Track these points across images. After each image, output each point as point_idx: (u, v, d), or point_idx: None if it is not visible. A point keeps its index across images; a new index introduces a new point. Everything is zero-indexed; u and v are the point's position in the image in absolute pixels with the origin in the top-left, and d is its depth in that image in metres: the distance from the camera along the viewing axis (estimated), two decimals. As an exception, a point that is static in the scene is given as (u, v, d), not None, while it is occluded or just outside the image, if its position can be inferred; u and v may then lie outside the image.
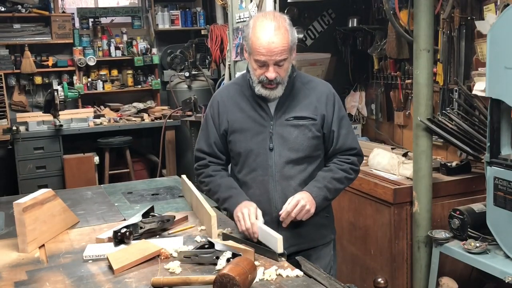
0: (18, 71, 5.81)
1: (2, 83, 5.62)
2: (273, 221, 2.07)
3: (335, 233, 2.31)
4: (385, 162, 3.17)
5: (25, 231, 2.03)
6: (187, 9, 6.54)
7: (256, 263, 1.75)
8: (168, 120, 5.57)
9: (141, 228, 2.10)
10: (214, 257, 1.82)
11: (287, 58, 1.98)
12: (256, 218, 1.97)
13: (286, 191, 2.07)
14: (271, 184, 2.08)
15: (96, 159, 5.30)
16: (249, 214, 1.96)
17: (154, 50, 6.38)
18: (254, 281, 1.65)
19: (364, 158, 3.39)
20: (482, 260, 2.41)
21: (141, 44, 6.34)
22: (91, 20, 6.32)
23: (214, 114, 2.17)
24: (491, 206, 2.38)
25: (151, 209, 2.29)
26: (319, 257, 2.18)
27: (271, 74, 1.97)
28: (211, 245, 1.88)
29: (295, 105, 2.08)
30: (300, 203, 1.98)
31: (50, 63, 5.98)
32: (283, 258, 1.86)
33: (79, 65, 5.99)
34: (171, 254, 1.93)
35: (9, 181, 5.45)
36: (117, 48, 6.25)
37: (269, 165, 2.07)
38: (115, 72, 6.32)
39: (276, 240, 1.86)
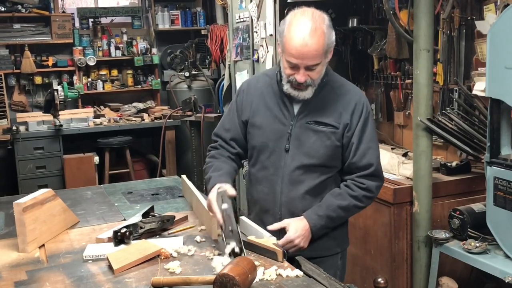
0: (18, 71, 5.81)
1: (2, 83, 5.62)
2: (276, 222, 2.04)
3: (345, 244, 2.20)
4: (385, 162, 3.17)
5: (25, 231, 2.03)
6: (187, 9, 6.54)
7: (256, 263, 1.75)
8: (168, 120, 5.57)
9: (141, 228, 2.10)
10: (226, 242, 1.79)
11: (320, 62, 1.89)
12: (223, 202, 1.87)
13: (292, 195, 2.02)
14: (279, 185, 2.03)
15: (96, 159, 5.30)
16: (211, 204, 1.89)
17: (154, 50, 6.38)
18: (254, 281, 1.65)
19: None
20: (482, 260, 2.41)
21: (141, 44, 6.34)
22: (91, 20, 6.32)
23: (239, 102, 2.12)
24: (491, 206, 2.38)
25: (151, 209, 2.29)
26: (324, 268, 2.07)
27: (300, 77, 1.89)
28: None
29: (319, 109, 1.99)
30: (293, 242, 1.93)
31: (50, 63, 5.98)
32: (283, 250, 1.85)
33: (79, 65, 6.00)
34: (171, 254, 1.93)
35: (9, 181, 5.45)
36: (117, 48, 6.25)
37: (281, 166, 2.01)
38: (115, 72, 6.32)
39: (269, 241, 1.87)
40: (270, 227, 1.95)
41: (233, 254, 1.78)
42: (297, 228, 1.94)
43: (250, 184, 2.16)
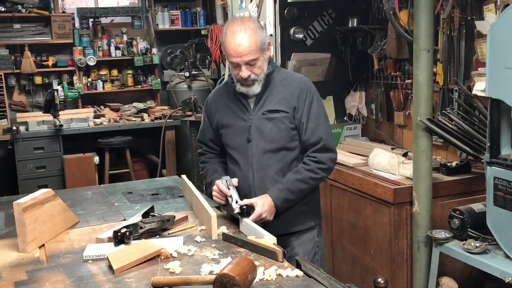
0: (18, 71, 5.81)
1: (2, 83, 5.62)
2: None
3: (318, 219, 2.43)
4: (385, 162, 3.17)
5: (25, 231, 2.04)
6: (187, 9, 6.54)
7: (256, 263, 1.75)
8: (168, 120, 5.57)
9: (141, 228, 2.11)
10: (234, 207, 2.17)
11: (257, 57, 2.16)
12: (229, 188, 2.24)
13: (264, 179, 2.27)
14: (250, 173, 2.28)
15: (96, 159, 5.29)
16: (219, 186, 2.25)
17: (154, 50, 6.38)
18: (254, 281, 1.65)
19: (364, 158, 3.44)
20: (482, 260, 2.41)
21: (141, 44, 6.34)
22: (91, 20, 6.32)
23: (208, 112, 2.44)
24: (491, 206, 2.38)
25: (151, 209, 2.30)
26: (301, 243, 2.32)
27: (243, 73, 2.17)
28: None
29: (271, 100, 2.26)
30: (261, 215, 2.16)
31: (50, 63, 5.98)
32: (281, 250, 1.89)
33: (79, 65, 6.00)
34: (171, 254, 1.93)
35: (9, 181, 5.45)
36: (117, 48, 6.25)
37: (249, 156, 2.28)
38: (115, 72, 6.32)
39: (270, 241, 1.92)
40: (240, 202, 2.18)
41: (242, 211, 2.15)
42: (264, 203, 2.18)
43: (230, 177, 2.38)
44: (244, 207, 2.17)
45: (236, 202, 2.19)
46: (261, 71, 2.20)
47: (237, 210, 2.17)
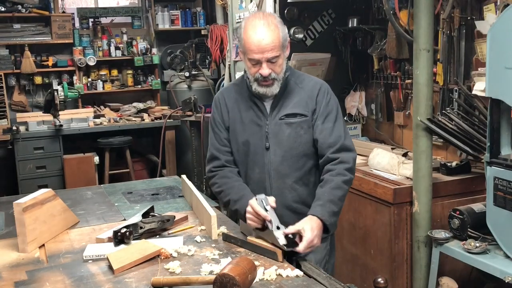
0: (18, 71, 5.82)
1: (2, 83, 5.62)
2: None
3: (334, 228, 2.25)
4: (385, 162, 3.17)
5: (25, 231, 2.04)
6: (187, 9, 6.54)
7: (256, 263, 1.75)
8: (168, 120, 5.57)
9: (141, 228, 2.11)
10: (277, 236, 1.86)
11: (279, 54, 2.02)
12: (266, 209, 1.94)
13: (282, 189, 2.12)
14: (267, 182, 2.13)
15: (96, 159, 5.30)
16: (254, 207, 1.94)
17: (154, 50, 6.38)
18: (254, 281, 1.65)
19: (364, 158, 3.44)
20: (482, 260, 2.41)
21: (141, 44, 6.34)
22: (91, 20, 6.33)
23: (218, 114, 2.21)
24: (491, 206, 2.38)
25: (151, 209, 2.30)
26: (314, 251, 2.12)
27: (264, 71, 2.01)
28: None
29: (288, 103, 2.12)
30: (313, 242, 1.88)
31: (50, 63, 5.98)
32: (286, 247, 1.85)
33: (79, 65, 6.00)
34: (171, 254, 1.93)
35: (9, 181, 5.45)
36: (117, 48, 6.25)
37: (265, 163, 2.12)
38: (115, 72, 6.32)
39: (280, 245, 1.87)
40: (286, 231, 1.89)
41: (289, 241, 1.85)
42: (312, 227, 1.89)
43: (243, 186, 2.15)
44: (291, 235, 1.85)
45: (278, 228, 1.89)
46: (281, 69, 2.06)
47: (283, 242, 1.85)
